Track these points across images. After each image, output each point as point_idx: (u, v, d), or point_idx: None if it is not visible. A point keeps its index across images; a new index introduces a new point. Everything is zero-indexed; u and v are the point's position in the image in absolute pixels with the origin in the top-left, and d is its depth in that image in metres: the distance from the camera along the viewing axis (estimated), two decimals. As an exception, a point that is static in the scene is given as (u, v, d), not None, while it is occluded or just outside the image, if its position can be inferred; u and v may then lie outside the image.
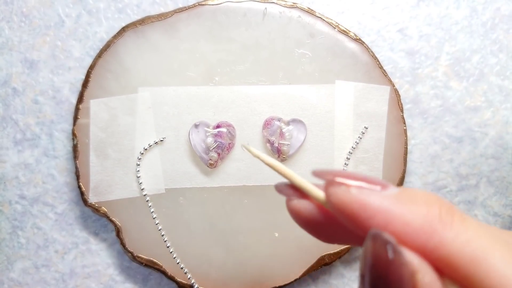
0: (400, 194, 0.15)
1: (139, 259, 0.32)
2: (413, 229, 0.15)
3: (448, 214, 0.15)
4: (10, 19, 0.34)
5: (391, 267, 0.14)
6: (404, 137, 0.33)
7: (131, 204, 0.32)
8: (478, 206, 0.35)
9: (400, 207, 0.15)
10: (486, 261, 0.14)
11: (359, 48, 0.33)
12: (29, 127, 0.34)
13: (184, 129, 0.32)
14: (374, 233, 0.15)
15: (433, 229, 0.15)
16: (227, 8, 0.32)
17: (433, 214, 0.15)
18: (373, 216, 0.15)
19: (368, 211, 0.15)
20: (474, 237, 0.14)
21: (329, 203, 0.16)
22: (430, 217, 0.15)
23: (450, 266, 0.14)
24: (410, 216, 0.15)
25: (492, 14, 0.35)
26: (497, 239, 0.15)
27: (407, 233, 0.15)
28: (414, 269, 0.14)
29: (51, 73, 0.34)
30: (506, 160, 0.35)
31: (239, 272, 0.32)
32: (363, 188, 0.16)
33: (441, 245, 0.14)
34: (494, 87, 0.35)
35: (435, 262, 0.15)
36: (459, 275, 0.14)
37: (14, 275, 0.34)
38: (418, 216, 0.15)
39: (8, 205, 0.34)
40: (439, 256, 0.14)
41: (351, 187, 0.16)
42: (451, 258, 0.14)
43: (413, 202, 0.15)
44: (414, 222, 0.15)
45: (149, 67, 0.32)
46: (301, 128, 0.32)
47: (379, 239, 0.15)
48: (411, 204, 0.15)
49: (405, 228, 0.15)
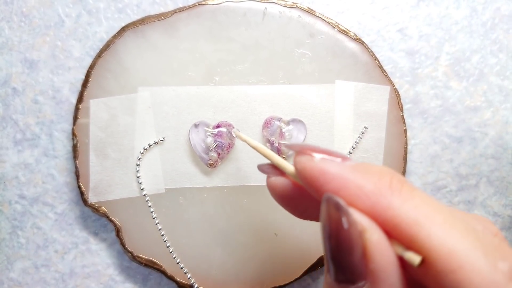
0: (357, 165, 0.17)
1: (139, 259, 0.32)
2: (364, 193, 0.16)
3: (398, 183, 0.16)
4: (10, 19, 0.34)
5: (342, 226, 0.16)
6: (404, 137, 0.33)
7: (131, 204, 0.32)
8: (478, 206, 0.35)
9: (355, 174, 0.17)
10: (428, 224, 0.15)
11: (359, 48, 0.33)
12: (29, 127, 0.34)
13: (184, 129, 0.32)
14: (327, 197, 0.16)
15: (382, 194, 0.16)
16: (227, 8, 0.32)
17: (384, 181, 0.16)
18: (330, 181, 0.17)
19: (326, 177, 0.17)
20: (420, 204, 0.16)
21: (296, 171, 0.18)
22: (381, 183, 0.16)
23: (396, 228, 0.16)
24: (362, 182, 0.16)
25: (492, 14, 0.35)
26: (441, 208, 0.16)
27: (359, 197, 0.16)
28: (363, 227, 0.16)
29: (51, 73, 0.34)
30: (506, 160, 0.35)
31: (239, 272, 0.32)
32: (324, 158, 0.17)
33: (388, 208, 0.16)
34: (494, 87, 0.35)
35: (384, 224, 0.16)
36: (404, 236, 0.15)
37: (14, 275, 0.34)
38: (369, 182, 0.16)
39: (8, 205, 0.34)
40: (386, 218, 0.16)
41: (314, 157, 0.18)
42: (397, 221, 0.15)
43: (367, 171, 0.17)
44: (365, 187, 0.16)
45: (149, 67, 0.32)
46: (301, 128, 0.32)
47: (331, 201, 0.16)
48: (365, 172, 0.17)
49: (357, 191, 0.16)
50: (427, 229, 0.15)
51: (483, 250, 0.15)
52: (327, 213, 0.16)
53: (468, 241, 0.15)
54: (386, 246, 0.16)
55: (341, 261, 0.16)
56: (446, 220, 0.15)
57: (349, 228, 0.16)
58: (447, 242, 0.15)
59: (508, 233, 0.35)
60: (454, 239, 0.15)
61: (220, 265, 0.32)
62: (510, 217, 0.35)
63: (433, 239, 0.15)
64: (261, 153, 0.23)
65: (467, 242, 0.15)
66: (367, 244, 0.16)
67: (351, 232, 0.16)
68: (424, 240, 0.15)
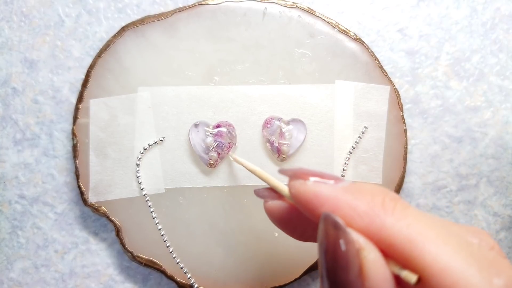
0: (350, 186, 0.18)
1: (139, 259, 0.32)
2: (358, 213, 0.16)
3: (391, 202, 0.17)
4: (10, 19, 0.34)
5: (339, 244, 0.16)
6: (404, 137, 0.33)
7: (131, 204, 0.32)
8: (478, 206, 0.35)
9: (347, 196, 0.17)
10: (421, 242, 0.15)
11: (359, 48, 0.33)
12: (29, 127, 0.34)
13: (184, 128, 0.32)
14: (325, 215, 0.17)
15: (375, 214, 0.16)
16: (227, 8, 0.32)
17: (377, 201, 0.17)
18: (324, 203, 0.17)
19: (320, 199, 0.17)
20: (413, 222, 0.16)
21: (290, 195, 0.19)
22: (373, 203, 0.16)
23: (391, 247, 0.16)
24: (355, 203, 0.17)
25: (492, 14, 0.35)
26: (434, 224, 0.16)
27: (352, 217, 0.16)
28: (359, 246, 0.16)
29: (51, 72, 0.34)
30: (506, 160, 0.35)
31: (239, 272, 0.32)
32: (317, 181, 0.18)
33: (382, 228, 0.16)
34: (494, 87, 0.35)
35: (378, 243, 0.16)
36: (398, 255, 0.16)
37: (14, 275, 0.34)
38: (363, 202, 0.17)
39: (7, 205, 0.34)
40: (381, 238, 0.16)
41: (307, 181, 0.18)
42: (391, 240, 0.16)
43: (360, 192, 0.17)
44: (358, 207, 0.16)
45: (148, 67, 0.32)
46: (301, 128, 0.32)
47: (328, 219, 0.17)
48: (358, 193, 0.17)
49: (351, 213, 0.16)
50: (421, 247, 0.15)
51: (478, 266, 0.15)
52: (325, 231, 0.16)
53: (462, 257, 0.15)
54: (382, 265, 0.16)
55: (337, 278, 0.16)
56: (439, 237, 0.15)
57: (346, 246, 0.16)
58: (441, 259, 0.15)
59: (508, 233, 0.35)
60: (448, 256, 0.15)
61: (220, 265, 0.32)
62: (510, 217, 0.35)
63: (427, 256, 0.15)
64: (258, 176, 0.23)
65: (461, 257, 0.15)
66: (363, 262, 0.16)
67: (348, 250, 0.16)
68: (418, 258, 0.15)
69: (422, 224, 0.16)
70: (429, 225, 0.16)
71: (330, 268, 0.16)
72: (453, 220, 0.35)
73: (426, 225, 0.16)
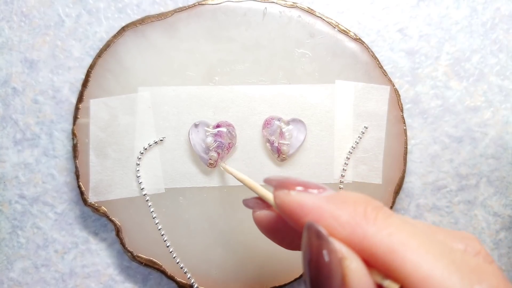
0: (333, 196, 0.18)
1: (139, 259, 0.32)
2: (340, 223, 0.17)
3: (373, 212, 0.17)
4: (10, 19, 0.34)
5: (322, 253, 0.16)
6: (404, 137, 0.33)
7: (131, 203, 0.32)
8: (478, 206, 0.35)
9: (330, 206, 0.17)
10: (402, 251, 0.15)
11: (359, 48, 0.33)
12: (29, 126, 0.34)
13: (184, 128, 0.32)
14: (308, 225, 0.17)
15: (357, 224, 0.16)
16: (227, 8, 0.32)
17: (359, 211, 0.17)
18: (307, 213, 0.17)
19: (304, 209, 0.17)
20: (395, 231, 0.16)
21: (275, 205, 0.19)
22: (355, 213, 0.17)
23: (373, 257, 0.16)
24: (337, 213, 0.17)
25: (492, 14, 0.35)
26: (417, 233, 0.16)
27: (335, 227, 0.17)
28: (342, 255, 0.16)
29: (51, 72, 0.34)
30: (506, 160, 0.35)
31: (239, 272, 0.32)
32: (300, 191, 0.18)
33: (364, 237, 0.16)
34: (494, 87, 0.35)
35: (361, 253, 0.16)
36: (380, 265, 0.16)
37: (14, 274, 0.34)
38: (345, 212, 0.17)
39: (8, 204, 0.34)
40: (363, 247, 0.16)
41: (291, 190, 0.18)
42: (373, 249, 0.16)
43: (343, 201, 0.17)
44: (341, 217, 0.17)
45: (149, 67, 0.32)
46: (301, 128, 0.32)
47: (311, 229, 0.17)
48: (341, 203, 0.17)
49: (333, 222, 0.17)
50: (402, 256, 0.15)
51: (459, 274, 0.15)
52: (308, 241, 0.17)
53: (443, 265, 0.15)
54: (365, 274, 0.16)
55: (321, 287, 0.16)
56: (421, 245, 0.15)
57: (329, 255, 0.16)
58: (421, 268, 0.15)
59: (508, 233, 0.35)
60: (429, 264, 0.15)
61: (220, 265, 0.32)
62: (510, 217, 0.35)
63: (408, 265, 0.15)
64: (247, 186, 0.24)
65: (442, 266, 0.15)
66: (346, 272, 0.16)
67: (331, 260, 0.16)
68: (400, 268, 0.15)
69: (404, 233, 0.16)
70: (412, 234, 0.16)
71: (314, 277, 0.16)
72: (453, 220, 0.35)
73: (408, 234, 0.16)
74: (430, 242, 0.16)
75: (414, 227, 0.16)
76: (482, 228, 0.35)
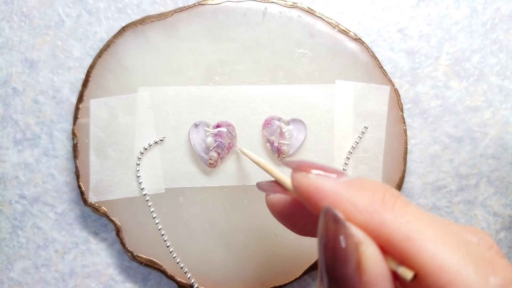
0: (352, 181, 0.18)
1: (139, 259, 0.32)
2: (358, 209, 0.17)
3: (391, 199, 0.17)
4: (10, 19, 0.34)
5: (338, 238, 0.16)
6: (404, 137, 0.33)
7: (131, 203, 0.32)
8: (478, 206, 0.35)
9: (349, 191, 0.17)
10: (419, 240, 0.15)
11: (359, 48, 0.33)
12: (29, 127, 0.34)
13: (184, 128, 0.32)
14: (325, 209, 0.17)
15: (375, 210, 0.16)
16: (227, 8, 0.32)
17: (377, 198, 0.17)
18: (325, 197, 0.17)
19: (322, 193, 0.17)
20: (412, 219, 0.16)
21: (293, 187, 0.19)
22: (374, 200, 0.17)
23: (389, 244, 0.16)
24: (356, 198, 0.17)
25: (492, 14, 0.35)
26: (433, 223, 0.16)
27: (353, 213, 0.17)
28: (358, 240, 0.16)
29: (51, 72, 0.34)
30: (506, 160, 0.35)
31: (239, 272, 0.32)
32: (320, 175, 0.18)
33: (381, 224, 0.16)
34: (494, 87, 0.35)
35: (377, 239, 0.16)
36: (396, 252, 0.16)
37: (14, 274, 0.34)
38: (363, 198, 0.17)
39: (8, 204, 0.34)
40: (380, 234, 0.16)
41: (310, 173, 0.18)
42: (390, 236, 0.16)
43: (361, 188, 0.17)
44: (359, 203, 0.17)
45: (149, 67, 0.32)
46: (301, 128, 0.32)
47: (329, 213, 0.17)
48: (359, 189, 0.17)
49: (351, 208, 0.17)
50: (418, 244, 0.15)
51: (475, 264, 0.15)
52: (325, 225, 0.17)
53: (459, 256, 0.15)
54: (380, 260, 0.16)
55: (336, 272, 0.16)
56: (437, 235, 0.15)
57: (345, 240, 0.16)
58: (437, 257, 0.15)
59: (508, 233, 0.35)
60: (445, 254, 0.15)
61: (220, 265, 0.32)
62: (510, 217, 0.35)
63: (424, 254, 0.15)
64: (263, 168, 0.24)
65: (457, 256, 0.15)
66: (362, 257, 0.16)
67: (347, 245, 0.16)
68: (415, 255, 0.15)
69: (421, 222, 0.16)
70: (428, 224, 0.16)
71: (329, 261, 0.16)
72: (453, 220, 0.35)
73: (425, 223, 0.16)
74: (447, 232, 0.16)
75: (431, 217, 0.16)
76: (482, 228, 0.35)
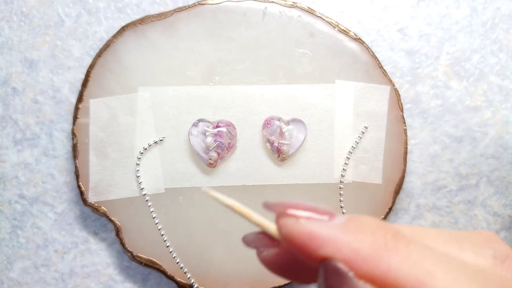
0: (347, 223, 0.16)
1: (139, 259, 0.32)
2: (361, 257, 0.15)
3: (393, 240, 0.15)
4: (10, 19, 0.34)
5: None
6: (404, 137, 0.33)
7: (131, 203, 0.32)
8: (478, 206, 0.35)
9: (347, 236, 0.15)
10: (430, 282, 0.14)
11: (359, 47, 0.33)
12: (29, 126, 0.34)
13: (184, 128, 0.32)
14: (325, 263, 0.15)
15: (380, 256, 0.15)
16: (227, 8, 0.32)
17: (379, 241, 0.15)
18: (322, 245, 0.15)
19: (317, 241, 0.15)
20: (418, 260, 0.15)
21: (281, 235, 0.17)
22: (376, 244, 0.15)
23: None
24: (357, 244, 0.15)
25: (492, 14, 0.35)
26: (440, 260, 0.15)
27: (356, 262, 0.15)
28: None
29: (51, 72, 0.34)
30: (506, 160, 0.35)
31: (239, 271, 0.32)
32: (311, 219, 0.16)
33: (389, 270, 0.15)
34: (494, 87, 0.35)
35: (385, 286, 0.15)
36: None
37: (14, 274, 0.34)
38: (364, 244, 0.15)
39: (7, 204, 0.34)
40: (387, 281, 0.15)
41: (300, 218, 0.16)
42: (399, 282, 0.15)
43: (359, 230, 0.16)
44: (361, 249, 0.15)
45: (149, 67, 0.32)
46: (301, 128, 0.32)
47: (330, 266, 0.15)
48: (358, 232, 0.16)
49: (354, 256, 0.15)
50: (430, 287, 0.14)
51: None
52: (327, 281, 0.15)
53: None
54: None
55: None
56: (448, 273, 0.15)
57: None
58: None
59: (508, 233, 0.35)
60: None
61: (220, 265, 0.32)
62: (510, 217, 0.35)
63: None
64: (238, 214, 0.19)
65: None
66: None
67: None
68: None
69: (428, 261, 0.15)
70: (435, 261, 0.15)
71: None
72: (453, 220, 0.35)
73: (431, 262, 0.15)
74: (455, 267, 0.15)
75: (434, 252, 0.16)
76: (482, 228, 0.35)
